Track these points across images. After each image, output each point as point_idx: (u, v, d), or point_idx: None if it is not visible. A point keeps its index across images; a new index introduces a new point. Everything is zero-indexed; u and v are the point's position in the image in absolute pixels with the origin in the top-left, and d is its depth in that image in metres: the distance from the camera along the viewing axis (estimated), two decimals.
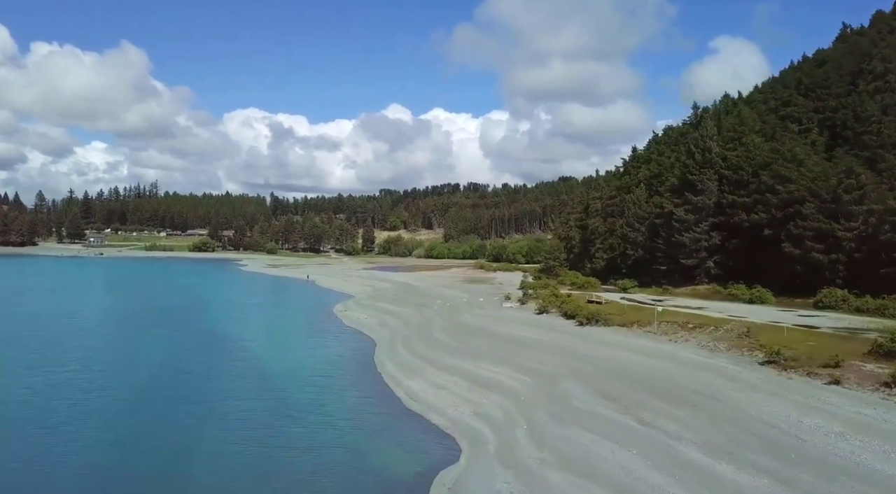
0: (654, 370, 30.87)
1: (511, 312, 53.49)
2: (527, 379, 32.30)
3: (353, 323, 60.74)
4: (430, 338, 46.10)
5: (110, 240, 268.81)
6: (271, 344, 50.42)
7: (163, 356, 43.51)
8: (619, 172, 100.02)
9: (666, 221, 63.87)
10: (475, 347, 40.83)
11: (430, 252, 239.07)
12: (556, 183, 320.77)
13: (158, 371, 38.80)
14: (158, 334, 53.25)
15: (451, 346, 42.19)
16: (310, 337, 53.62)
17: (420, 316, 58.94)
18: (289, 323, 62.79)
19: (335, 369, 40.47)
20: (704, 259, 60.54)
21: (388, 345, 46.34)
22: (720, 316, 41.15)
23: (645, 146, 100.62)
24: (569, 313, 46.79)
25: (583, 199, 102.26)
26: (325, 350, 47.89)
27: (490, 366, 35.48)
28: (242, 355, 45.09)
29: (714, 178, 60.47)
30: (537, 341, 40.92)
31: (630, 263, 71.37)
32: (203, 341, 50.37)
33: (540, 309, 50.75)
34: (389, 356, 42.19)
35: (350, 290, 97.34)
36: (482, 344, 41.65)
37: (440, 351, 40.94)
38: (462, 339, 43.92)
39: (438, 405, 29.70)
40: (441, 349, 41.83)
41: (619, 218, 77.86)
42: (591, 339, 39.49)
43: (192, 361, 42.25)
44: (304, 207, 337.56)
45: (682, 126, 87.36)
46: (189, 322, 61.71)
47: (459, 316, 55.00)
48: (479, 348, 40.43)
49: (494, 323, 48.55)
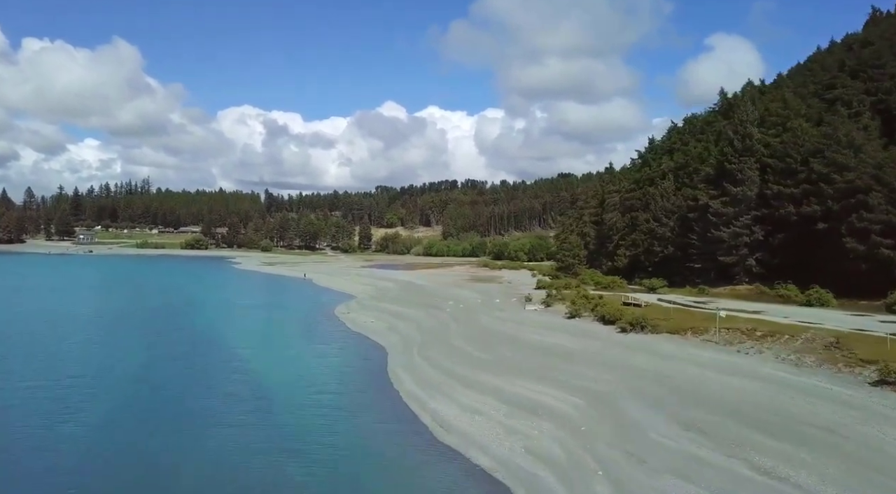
0: (738, 391, 25.28)
1: (537, 316, 47.82)
2: (579, 402, 26.65)
3: (358, 327, 54.98)
4: (449, 347, 40.39)
5: (100, 237, 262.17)
6: (268, 352, 44.62)
7: (142, 368, 37.65)
8: (637, 164, 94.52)
9: (701, 215, 58.35)
10: (505, 358, 35.18)
11: (429, 249, 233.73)
12: (556, 179, 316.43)
13: (135, 387, 32.96)
14: (140, 341, 47.36)
15: (476, 357, 36.50)
16: (311, 344, 47.84)
17: (433, 320, 53.24)
18: (287, 328, 56.96)
19: (343, 384, 34.72)
20: (745, 256, 55.02)
21: (402, 354, 40.61)
22: (787, 321, 35.59)
23: (663, 136, 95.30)
24: (607, 317, 41.16)
25: (597, 193, 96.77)
26: (330, 359, 42.12)
27: (530, 384, 29.83)
28: (235, 366, 39.32)
29: (755, 167, 54.95)
30: (578, 351, 35.29)
31: (657, 260, 65.85)
32: (190, 349, 44.54)
33: (571, 313, 45.12)
34: (405, 368, 36.45)
35: (351, 290, 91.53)
36: (512, 354, 36.00)
37: (465, 363, 35.25)
38: (488, 348, 38.23)
39: (478, 437, 23.99)
40: (465, 360, 36.14)
41: (643, 212, 72.35)
42: (643, 350, 33.87)
43: (176, 375, 36.44)
44: (300, 204, 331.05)
45: (706, 114, 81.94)
46: (175, 326, 55.79)
47: (478, 319, 49.33)
48: (510, 360, 34.78)
49: (521, 329, 42.89)
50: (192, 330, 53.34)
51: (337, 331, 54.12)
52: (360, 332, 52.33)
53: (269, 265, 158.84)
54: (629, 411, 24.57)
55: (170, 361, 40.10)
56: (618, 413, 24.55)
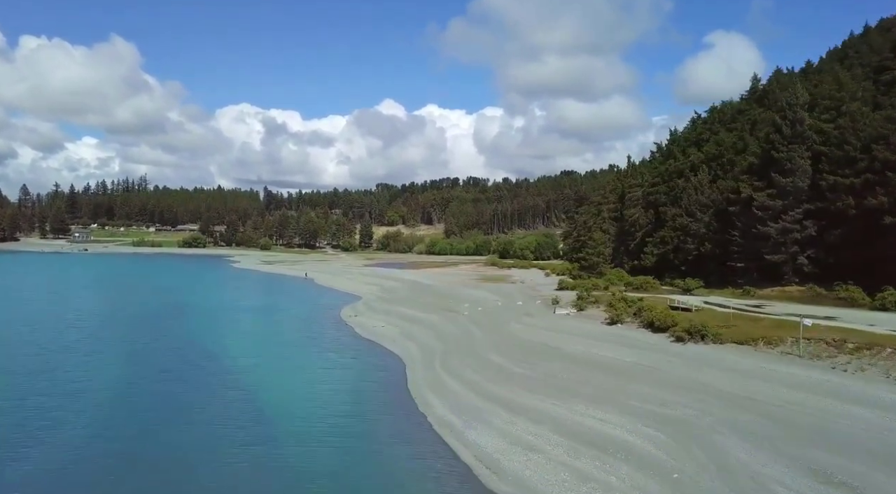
0: (864, 424, 20.13)
1: (571, 322, 42.60)
2: (657, 435, 21.45)
3: (368, 333, 49.77)
4: (478, 359, 35.16)
5: (96, 235, 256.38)
6: (269, 363, 39.40)
7: (122, 386, 32.41)
8: (656, 158, 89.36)
9: (743, 208, 53.19)
10: (550, 375, 30.00)
11: (432, 248, 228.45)
12: (559, 177, 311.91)
13: (110, 414, 27.73)
14: (124, 351, 42.09)
15: (514, 373, 31.29)
16: (318, 354, 42.62)
17: (451, 325, 48.03)
18: (289, 334, 51.71)
19: (359, 406, 29.51)
20: (795, 254, 49.87)
21: (424, 368, 35.39)
22: (877, 330, 30.43)
23: (685, 128, 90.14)
24: (657, 324, 36.01)
25: (615, 188, 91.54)
26: (341, 372, 36.91)
27: (588, 408, 24.63)
28: (231, 381, 34.11)
29: (807, 156, 49.79)
30: (634, 366, 30.11)
31: (690, 259, 60.68)
32: (180, 361, 39.29)
33: (611, 319, 39.92)
34: (431, 385, 31.23)
35: (355, 290, 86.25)
36: (558, 369, 30.80)
37: (502, 381, 30.05)
38: (525, 361, 33.02)
39: (540, 486, 18.77)
40: (501, 376, 30.93)
41: (672, 206, 67.21)
42: (713, 365, 28.71)
43: (162, 394, 31.24)
44: (299, 202, 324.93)
45: (737, 102, 76.80)
46: (166, 333, 50.51)
47: (505, 325, 44.12)
48: (556, 376, 29.60)
49: (558, 338, 37.66)
50: (183, 337, 48.07)
51: (345, 338, 48.91)
52: (370, 339, 47.13)
53: (269, 264, 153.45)
54: (730, 450, 19.39)
55: (156, 377, 34.82)
56: (715, 453, 19.37)
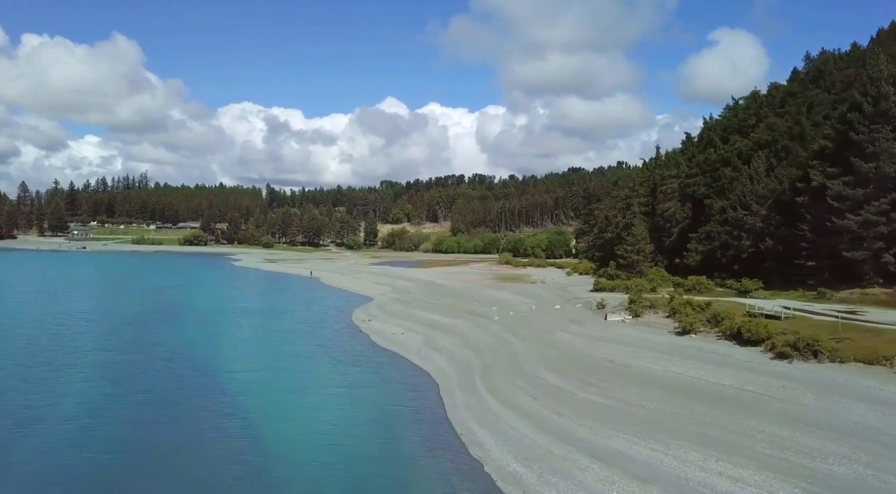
0: None
1: (630, 331, 36.07)
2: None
3: (386, 341, 43.41)
4: (530, 378, 28.69)
5: (96, 233, 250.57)
6: (274, 381, 33.06)
7: (93, 412, 26.09)
8: (691, 147, 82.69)
9: (813, 199, 46.60)
10: (632, 403, 23.55)
11: (439, 246, 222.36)
12: (567, 174, 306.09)
13: (68, 456, 21.41)
14: (103, 364, 35.77)
15: (583, 400, 24.80)
16: (332, 368, 36.25)
17: (485, 333, 41.62)
18: (297, 342, 45.31)
19: (391, 447, 22.98)
20: (879, 251, 43.31)
21: (463, 389, 28.94)
22: None
23: (721, 114, 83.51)
24: (746, 336, 29.53)
25: (646, 180, 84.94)
26: (362, 395, 30.49)
27: (709, 459, 18.15)
28: (227, 407, 27.80)
29: (892, 137, 43.26)
30: (738, 393, 23.58)
31: (745, 256, 54.07)
32: (169, 378, 32.97)
33: (682, 328, 33.42)
34: (477, 414, 24.77)
35: (365, 290, 79.90)
36: (638, 395, 24.33)
37: (571, 411, 23.56)
38: (593, 383, 26.56)
39: None
40: (568, 403, 24.44)
41: (719, 198, 60.64)
42: (848, 392, 22.18)
43: (140, 423, 24.93)
44: (302, 199, 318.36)
45: (787, 84, 70.23)
46: (156, 341, 44.12)
47: (549, 334, 37.63)
48: (642, 406, 23.15)
49: (623, 352, 31.17)
50: (174, 346, 41.70)
51: (360, 347, 42.54)
52: (390, 349, 40.77)
53: (272, 262, 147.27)
54: None
55: (133, 400, 28.46)
56: None
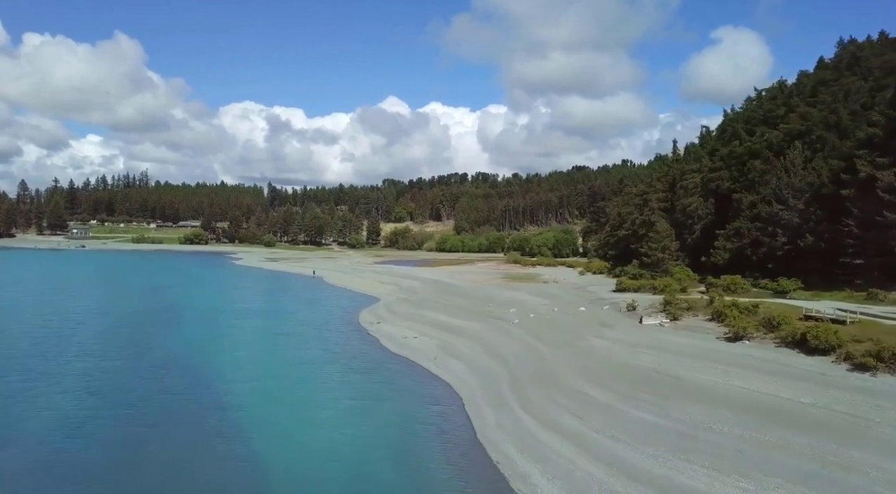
0: None
1: (672, 336, 32.53)
2: None
3: (398, 346, 39.89)
4: (569, 392, 25.13)
5: (95, 231, 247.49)
6: (277, 393, 29.57)
7: (66, 432, 22.60)
8: (710, 140, 79.14)
9: (860, 192, 43.12)
10: (697, 425, 20.01)
11: (443, 245, 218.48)
12: (571, 172, 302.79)
13: (56, 478, 17.92)
14: (88, 372, 32.25)
15: (637, 419, 21.24)
16: (341, 377, 32.72)
17: (506, 338, 38.07)
18: (301, 347, 41.80)
19: (418, 480, 19.48)
20: None
21: (492, 404, 25.37)
22: None
23: (743, 106, 79.98)
24: (812, 343, 25.99)
25: (664, 176, 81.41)
26: (376, 409, 26.97)
27: None
28: (222, 426, 24.34)
29: None
30: (827, 415, 20.04)
31: (780, 254, 50.53)
32: (158, 387, 29.50)
33: (733, 334, 29.89)
34: (514, 437, 21.20)
35: (371, 290, 76.36)
36: (702, 415, 20.78)
37: (626, 433, 20.02)
38: (642, 399, 23.00)
39: None
40: (620, 424, 20.88)
41: (748, 192, 57.09)
42: None
43: (120, 446, 21.44)
44: (304, 198, 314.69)
45: (814, 72, 66.61)
46: (148, 345, 40.62)
47: (580, 340, 34.08)
48: (710, 429, 19.61)
49: (669, 361, 27.62)
50: (168, 351, 38.24)
51: (370, 353, 39.01)
52: (403, 355, 37.25)
53: (273, 261, 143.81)
54: None
55: (115, 416, 24.97)
56: None
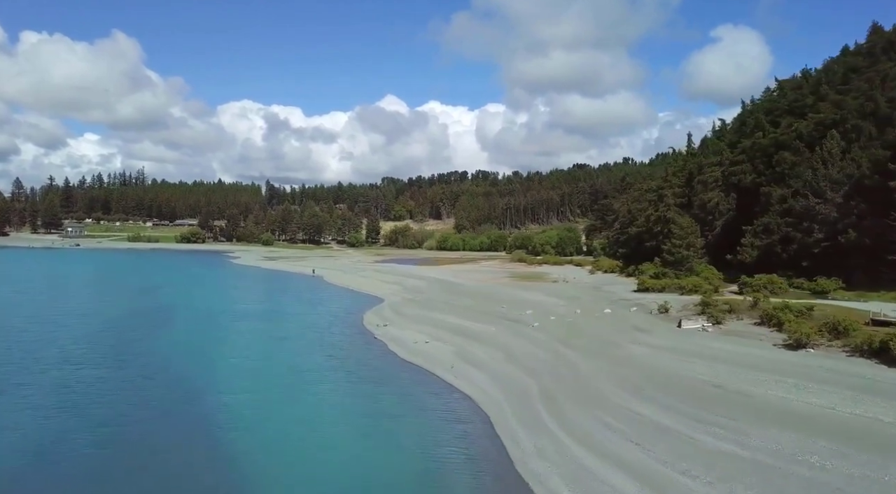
0: None
1: (719, 343, 29.01)
2: None
3: (408, 352, 36.32)
4: (616, 411, 21.56)
5: (91, 230, 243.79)
6: (280, 408, 26.05)
7: (45, 447, 19.04)
8: (732, 132, 75.70)
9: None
10: (806, 461, 16.46)
11: (443, 243, 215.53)
12: (572, 170, 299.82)
13: None
14: (70, 380, 28.65)
15: (710, 447, 17.65)
16: (349, 390, 29.17)
17: (528, 344, 34.53)
18: (303, 353, 38.25)
19: None
20: None
21: (527, 425, 21.78)
22: None
23: (762, 97, 76.61)
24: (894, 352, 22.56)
25: (680, 170, 77.92)
26: (394, 427, 23.37)
27: None
28: (221, 445, 20.82)
29: None
30: None
31: (817, 251, 47.09)
32: (139, 402, 25.93)
33: (794, 341, 26.40)
34: (563, 470, 17.58)
35: (374, 290, 72.85)
36: (806, 449, 17.19)
37: (710, 470, 16.41)
38: (709, 421, 19.45)
39: None
40: (692, 455, 17.30)
41: (778, 186, 53.64)
42: None
43: (102, 473, 17.91)
44: (302, 196, 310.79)
45: (847, 58, 63.17)
46: (133, 352, 36.97)
47: (615, 347, 30.56)
48: (821, 467, 16.06)
49: (725, 372, 24.09)
50: (157, 361, 34.62)
51: (378, 360, 35.48)
52: (415, 363, 33.71)
53: (271, 260, 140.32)
54: None
55: (94, 438, 21.41)
56: None
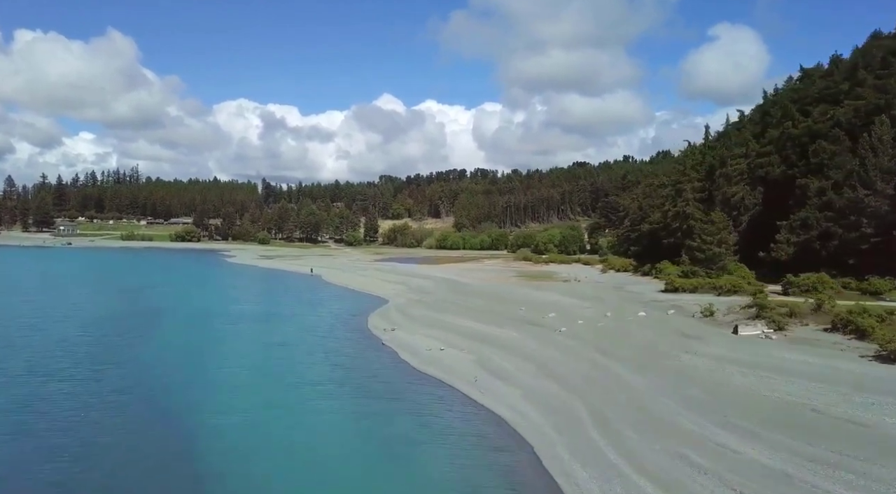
0: None
1: (791, 354, 24.95)
2: None
3: (422, 361, 32.11)
4: (704, 445, 17.48)
5: (84, 228, 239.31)
6: (280, 432, 21.89)
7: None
8: (754, 123, 71.74)
9: None
10: None
11: (443, 242, 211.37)
12: (573, 168, 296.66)
13: None
14: (32, 395, 24.43)
15: None
16: (359, 409, 25.00)
17: (559, 353, 30.39)
18: (304, 363, 34.03)
19: None
20: None
21: (583, 460, 17.63)
22: None
23: (786, 86, 72.75)
24: None
25: (699, 164, 73.82)
26: (418, 456, 19.21)
27: None
28: (207, 480, 16.72)
29: None
30: None
31: (866, 248, 43.12)
32: (120, 418, 21.74)
33: (889, 352, 22.38)
34: None
35: (377, 290, 68.60)
36: None
37: None
38: (845, 466, 15.35)
39: None
40: None
41: (816, 178, 49.69)
42: None
43: None
44: (299, 194, 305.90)
45: (885, 40, 59.20)
46: (116, 359, 32.69)
47: (666, 357, 26.48)
48: None
49: (823, 393, 20.04)
50: (137, 371, 30.36)
51: (389, 370, 31.31)
52: (432, 375, 29.53)
53: (268, 258, 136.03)
54: None
55: (50, 471, 17.28)
56: None
